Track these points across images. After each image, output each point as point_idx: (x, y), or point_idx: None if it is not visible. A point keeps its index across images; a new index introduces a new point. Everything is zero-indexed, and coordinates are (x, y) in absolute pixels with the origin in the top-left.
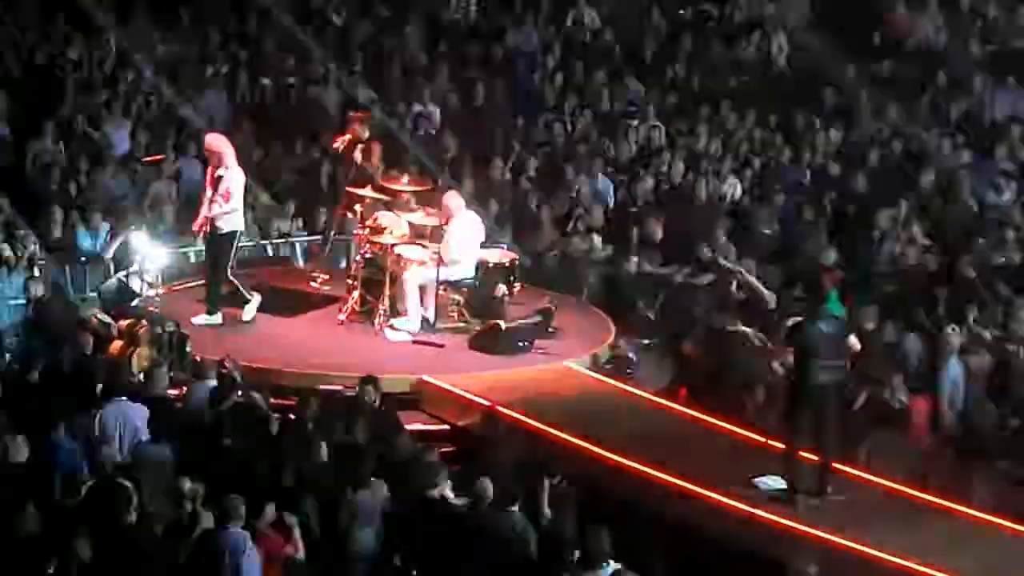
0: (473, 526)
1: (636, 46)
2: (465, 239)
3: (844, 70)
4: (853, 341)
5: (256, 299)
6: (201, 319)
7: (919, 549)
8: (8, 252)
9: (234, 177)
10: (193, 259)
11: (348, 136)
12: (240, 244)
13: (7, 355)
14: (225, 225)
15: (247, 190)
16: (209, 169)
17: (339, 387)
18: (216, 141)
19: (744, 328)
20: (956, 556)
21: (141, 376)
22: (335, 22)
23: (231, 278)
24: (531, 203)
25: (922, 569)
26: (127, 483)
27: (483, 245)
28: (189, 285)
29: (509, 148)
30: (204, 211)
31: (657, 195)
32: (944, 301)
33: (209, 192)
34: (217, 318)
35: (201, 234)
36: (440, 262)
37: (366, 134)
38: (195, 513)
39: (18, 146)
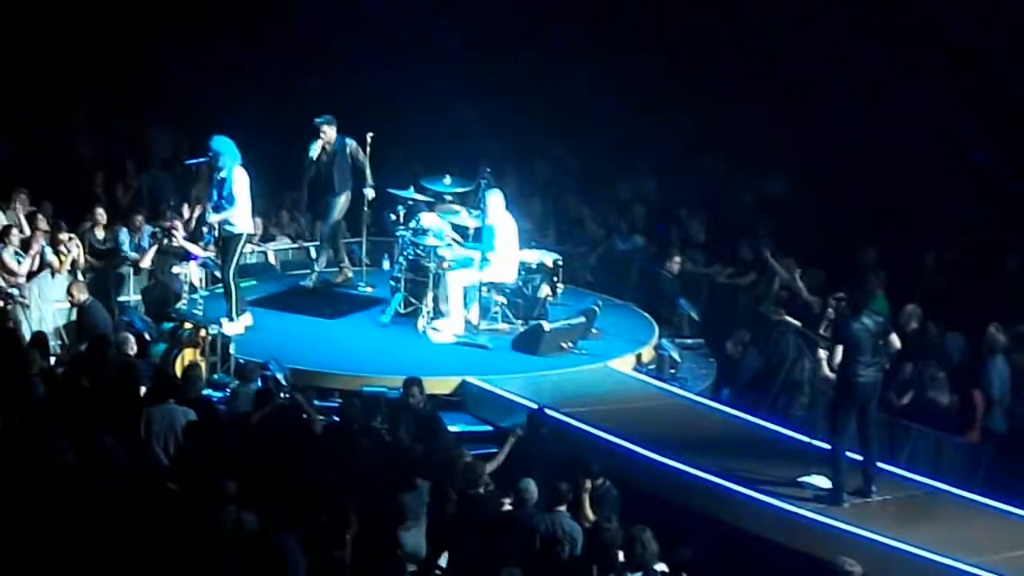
0: (519, 527)
1: None
2: (503, 238)
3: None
4: (894, 339)
5: (243, 321)
6: (228, 327)
7: (964, 548)
8: (52, 256)
9: (237, 179)
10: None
11: (321, 142)
12: (246, 249)
13: (52, 358)
14: (231, 227)
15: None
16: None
17: (383, 389)
18: (218, 143)
19: (791, 319)
20: (1002, 555)
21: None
22: None
23: (231, 283)
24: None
25: (968, 568)
26: (174, 486)
27: (526, 246)
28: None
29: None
30: (210, 216)
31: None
32: (988, 299)
33: (214, 196)
34: (239, 325)
35: (214, 237)
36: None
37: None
38: (239, 515)
39: (62, 149)
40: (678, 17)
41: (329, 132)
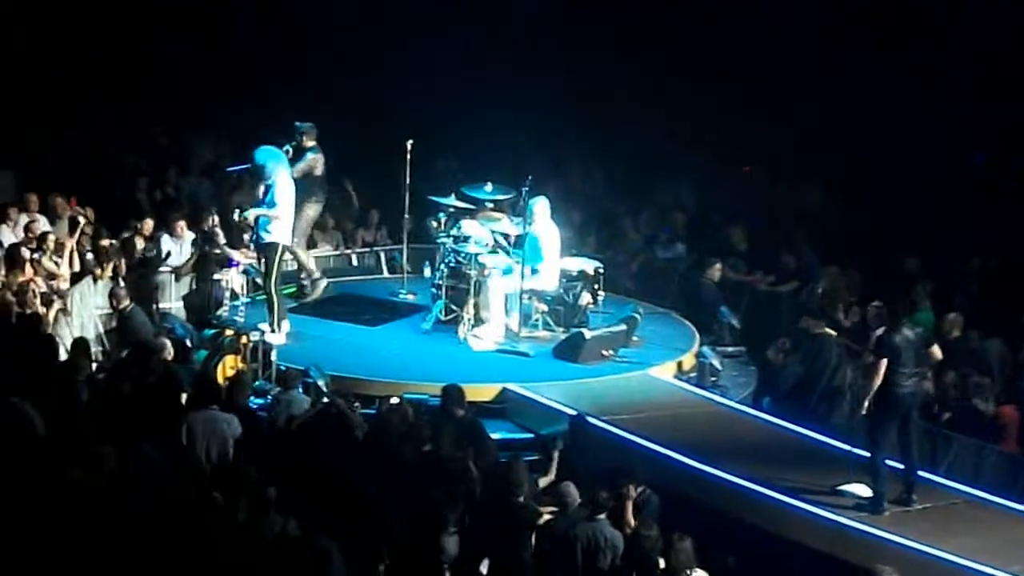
0: (560, 536)
1: None
2: (547, 247)
3: None
4: (936, 351)
5: (283, 330)
6: (270, 338)
7: (1004, 557)
8: (94, 262)
9: (281, 185)
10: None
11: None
12: (286, 258)
13: (94, 364)
14: (269, 235)
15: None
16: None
17: (424, 396)
18: (261, 155)
19: (831, 331)
20: None
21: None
22: None
23: (272, 293)
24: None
25: None
26: (217, 494)
27: (567, 253)
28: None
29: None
30: (248, 212)
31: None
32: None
33: (280, 212)
34: (281, 335)
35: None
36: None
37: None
38: (283, 522)
39: (103, 157)
40: (718, 33)
41: (308, 141)
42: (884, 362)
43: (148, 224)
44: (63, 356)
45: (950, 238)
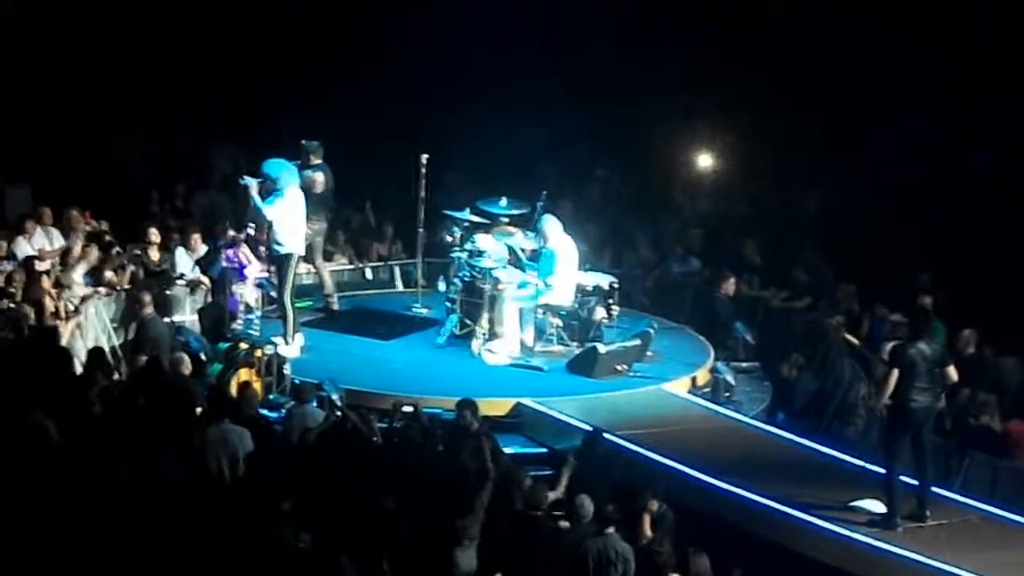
0: (571, 548)
1: None
2: (563, 263)
3: None
4: (952, 372)
5: (297, 343)
6: (284, 350)
7: (1017, 574)
8: (110, 274)
9: (284, 198)
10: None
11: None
12: (298, 270)
13: (113, 376)
14: (282, 247)
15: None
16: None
17: (438, 410)
18: (271, 168)
19: (851, 337)
20: None
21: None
22: None
23: (286, 304)
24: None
25: None
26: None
27: (581, 268)
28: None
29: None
30: (249, 229)
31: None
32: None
33: (267, 215)
34: (294, 347)
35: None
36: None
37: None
38: (296, 534)
39: (118, 169)
40: (728, 44)
41: (314, 159)
42: (896, 374)
43: (154, 235)
44: (77, 369)
45: (963, 247)
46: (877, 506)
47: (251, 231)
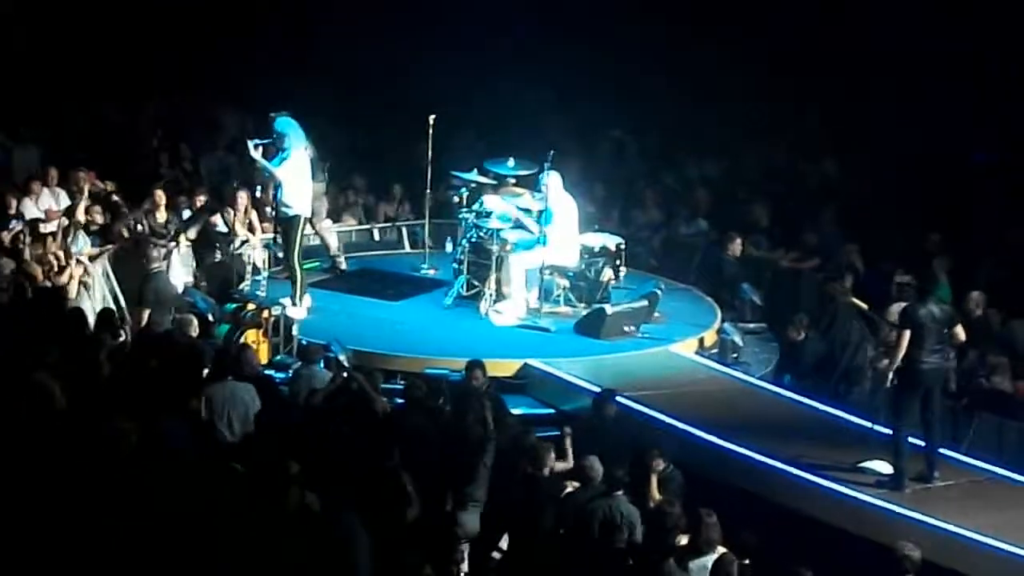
0: (577, 510)
1: None
2: (560, 218)
3: None
4: (960, 332)
5: (304, 305)
6: (292, 312)
7: None
8: (120, 231)
9: (291, 158)
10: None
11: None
12: (306, 231)
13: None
14: (287, 209)
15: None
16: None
17: (445, 371)
18: (281, 124)
19: (857, 301)
20: None
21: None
22: None
23: (294, 265)
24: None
25: None
26: (238, 466)
27: (589, 229)
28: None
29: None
30: (270, 195)
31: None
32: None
33: (277, 176)
34: (302, 309)
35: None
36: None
37: None
38: (300, 496)
39: (127, 130)
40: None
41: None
42: (907, 335)
43: (160, 197)
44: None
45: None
46: (885, 467)
47: (257, 194)
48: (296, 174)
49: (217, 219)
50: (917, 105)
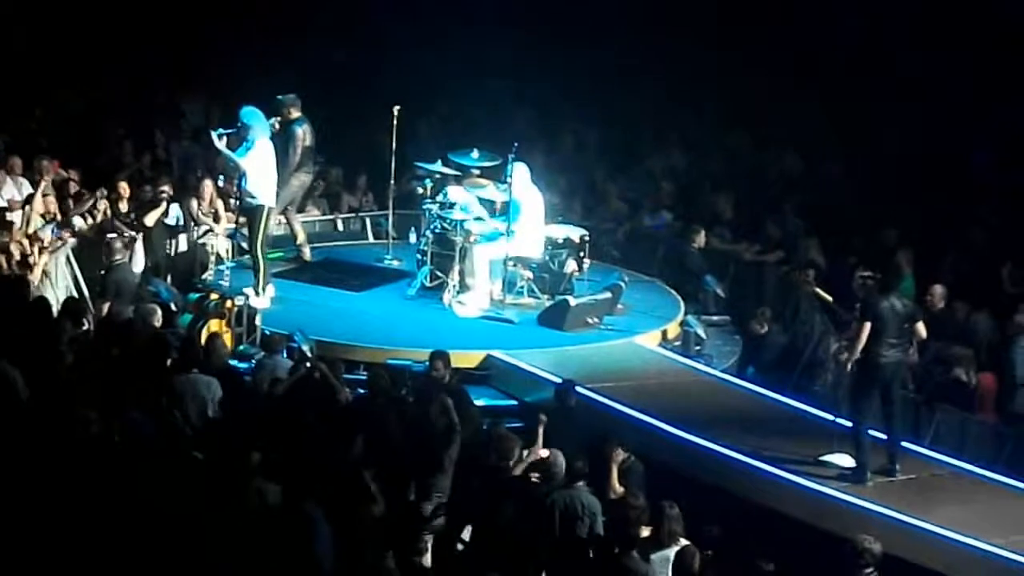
0: (538, 504)
1: None
2: (527, 211)
3: None
4: (921, 328)
5: (268, 295)
6: (255, 301)
7: (987, 528)
8: (80, 223)
9: (255, 149)
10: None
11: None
12: (271, 221)
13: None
14: (252, 199)
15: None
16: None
17: (408, 362)
18: (247, 115)
19: (821, 292)
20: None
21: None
22: None
23: (258, 255)
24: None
25: (991, 549)
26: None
27: (552, 221)
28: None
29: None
30: (235, 185)
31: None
32: (1012, 280)
33: (241, 166)
34: (265, 299)
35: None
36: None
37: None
38: (262, 487)
39: (91, 119)
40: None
41: (293, 112)
42: (867, 327)
43: (123, 188)
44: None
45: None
46: (846, 460)
47: (220, 183)
48: (260, 164)
49: (176, 208)
50: (917, 105)
